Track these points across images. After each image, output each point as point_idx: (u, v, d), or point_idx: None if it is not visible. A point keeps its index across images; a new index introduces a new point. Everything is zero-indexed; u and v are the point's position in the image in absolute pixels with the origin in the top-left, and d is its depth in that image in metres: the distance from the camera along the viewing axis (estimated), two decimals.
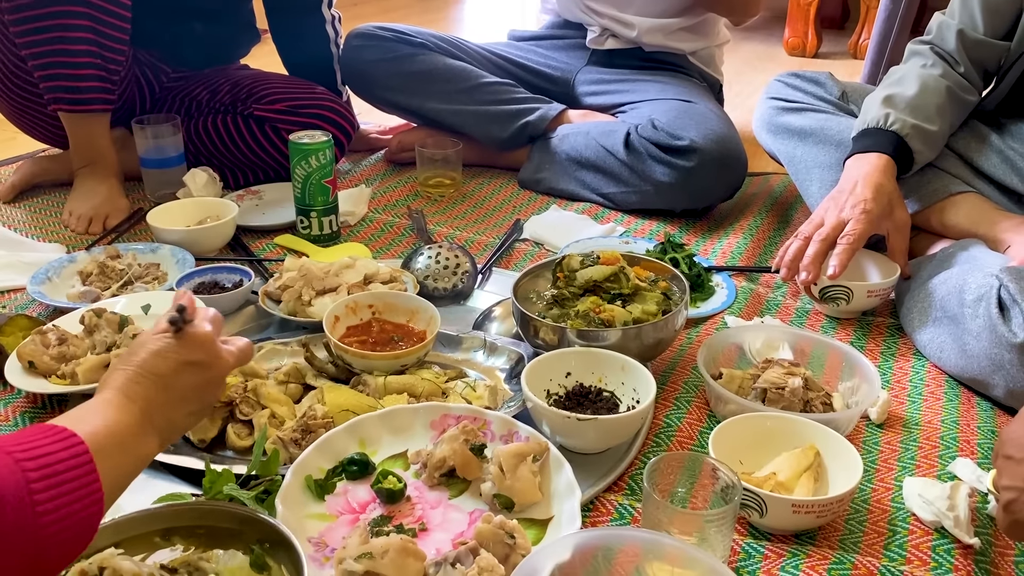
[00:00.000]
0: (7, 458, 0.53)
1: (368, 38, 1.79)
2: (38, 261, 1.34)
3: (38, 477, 0.54)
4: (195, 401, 0.72)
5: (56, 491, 0.55)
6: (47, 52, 1.41)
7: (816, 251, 1.22)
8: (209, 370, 0.73)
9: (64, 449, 0.57)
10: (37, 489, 0.53)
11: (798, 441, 0.90)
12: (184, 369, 0.71)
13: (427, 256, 1.34)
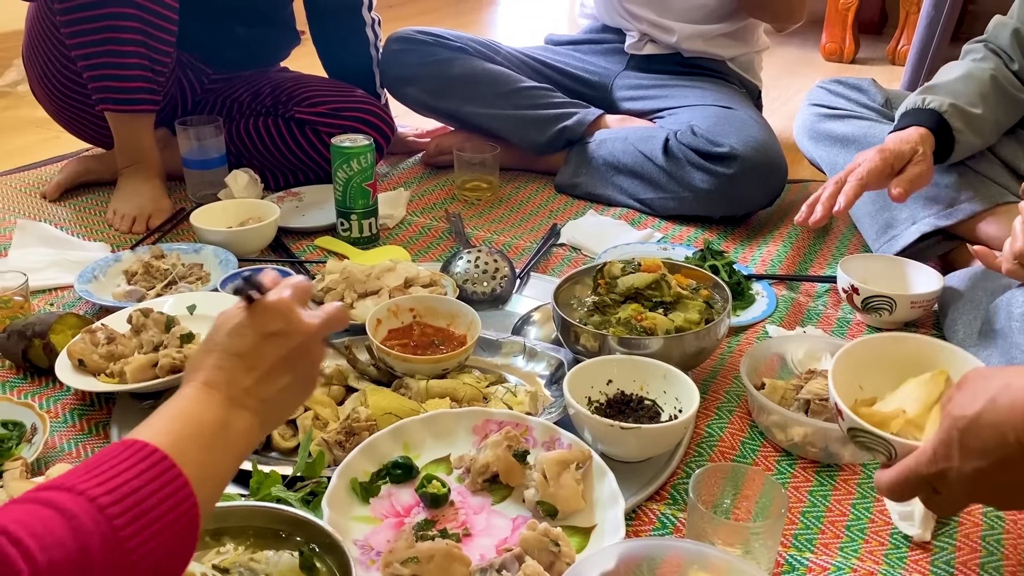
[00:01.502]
0: (89, 506, 0.49)
1: (407, 42, 1.80)
2: (84, 260, 1.37)
3: (125, 522, 0.50)
4: (285, 374, 0.66)
5: (142, 521, 0.51)
6: (97, 53, 1.44)
7: (830, 192, 1.22)
8: (291, 338, 0.66)
9: (151, 476, 0.53)
10: (126, 535, 0.50)
11: (926, 366, 0.77)
12: (264, 342, 0.65)
13: (466, 260, 1.34)
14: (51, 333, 1.07)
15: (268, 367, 0.65)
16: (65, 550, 0.46)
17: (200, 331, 1.08)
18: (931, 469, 0.61)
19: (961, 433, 0.59)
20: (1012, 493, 0.59)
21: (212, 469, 0.58)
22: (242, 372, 0.64)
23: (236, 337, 0.65)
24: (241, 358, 0.64)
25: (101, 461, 0.53)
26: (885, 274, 1.28)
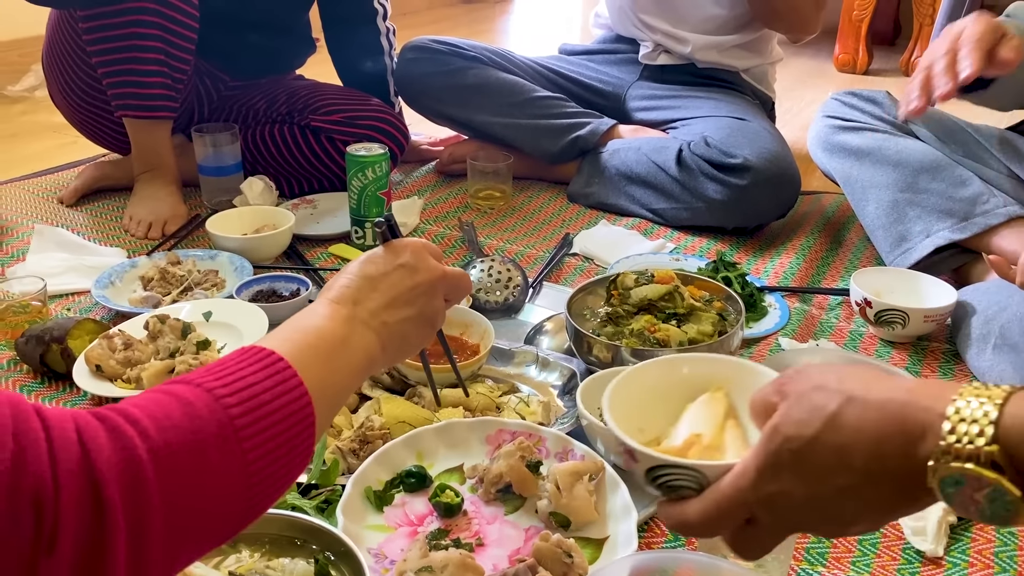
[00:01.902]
0: (206, 396, 0.50)
1: (422, 51, 1.81)
2: (100, 265, 1.38)
3: (241, 412, 0.50)
4: (409, 306, 0.68)
5: (261, 421, 0.51)
6: (118, 60, 1.45)
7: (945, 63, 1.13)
8: (419, 273, 0.70)
9: (267, 375, 0.53)
10: (241, 425, 0.50)
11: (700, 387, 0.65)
12: (395, 271, 0.68)
13: (479, 269, 1.35)
14: (69, 338, 1.08)
15: (395, 293, 0.68)
16: (181, 433, 0.47)
17: (216, 338, 1.09)
18: (754, 495, 0.50)
19: (794, 455, 0.49)
20: (846, 521, 0.50)
21: (330, 380, 0.58)
22: (369, 292, 0.66)
23: (368, 263, 0.69)
24: (370, 280, 0.67)
25: (222, 363, 0.54)
26: (898, 287, 1.28)
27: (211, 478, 0.48)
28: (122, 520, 0.42)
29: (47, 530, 0.40)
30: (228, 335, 1.11)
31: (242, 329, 1.11)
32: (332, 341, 0.61)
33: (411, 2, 3.74)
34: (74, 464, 0.42)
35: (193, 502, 0.47)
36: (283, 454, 0.52)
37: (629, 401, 0.63)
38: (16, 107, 2.41)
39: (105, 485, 0.42)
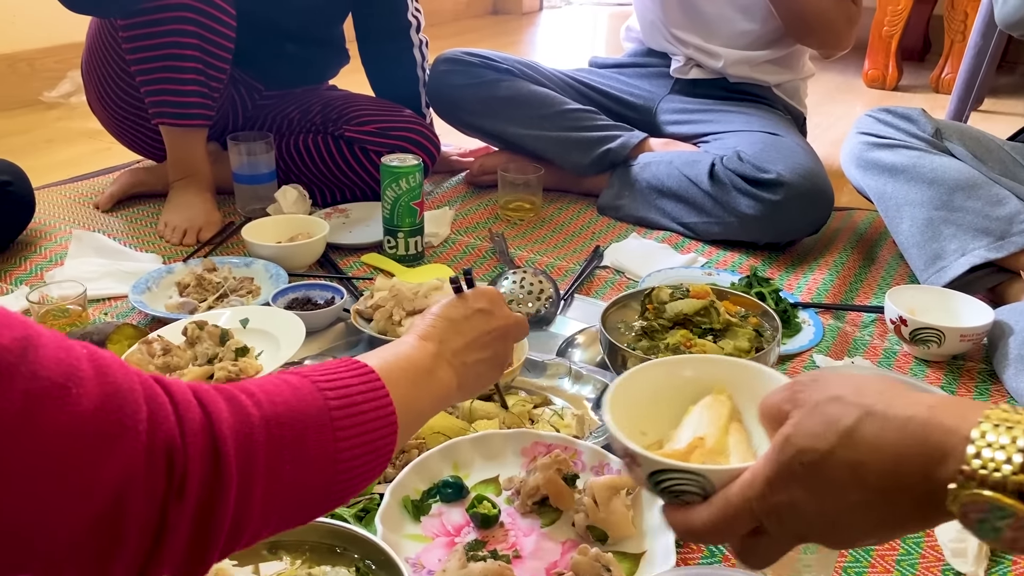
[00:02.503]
0: (311, 386, 0.56)
1: (455, 63, 1.82)
2: (136, 271, 1.39)
3: (337, 404, 0.56)
4: (486, 347, 0.76)
5: (353, 419, 0.57)
6: (157, 68, 1.47)
7: None
8: (495, 319, 0.78)
9: (362, 381, 0.59)
10: (337, 416, 0.55)
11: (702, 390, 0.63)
12: (474, 316, 0.76)
13: (511, 281, 1.35)
14: (108, 343, 1.10)
15: (474, 336, 0.75)
16: (287, 409, 0.53)
17: (253, 344, 1.10)
18: (763, 505, 0.49)
19: (807, 468, 0.47)
20: (855, 535, 0.49)
21: (413, 402, 0.64)
22: (452, 334, 0.74)
23: (451, 307, 0.76)
24: (453, 322, 0.75)
25: (324, 366, 0.60)
26: (933, 306, 1.27)
27: (305, 457, 0.53)
28: (235, 473, 0.48)
29: (177, 479, 0.46)
30: (265, 342, 1.12)
31: (279, 336, 1.12)
32: (419, 370, 0.68)
33: (439, 13, 3.77)
34: (197, 424, 0.48)
35: (288, 474, 0.52)
36: (366, 454, 0.57)
37: (631, 403, 0.61)
38: (52, 113, 2.45)
39: (223, 442, 0.48)
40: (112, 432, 0.43)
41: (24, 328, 0.43)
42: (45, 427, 0.41)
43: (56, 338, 0.45)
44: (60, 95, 2.51)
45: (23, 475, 0.41)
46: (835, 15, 1.67)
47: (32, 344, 0.42)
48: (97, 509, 0.43)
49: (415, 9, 1.84)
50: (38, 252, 1.51)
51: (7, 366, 0.41)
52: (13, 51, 2.45)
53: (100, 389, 0.44)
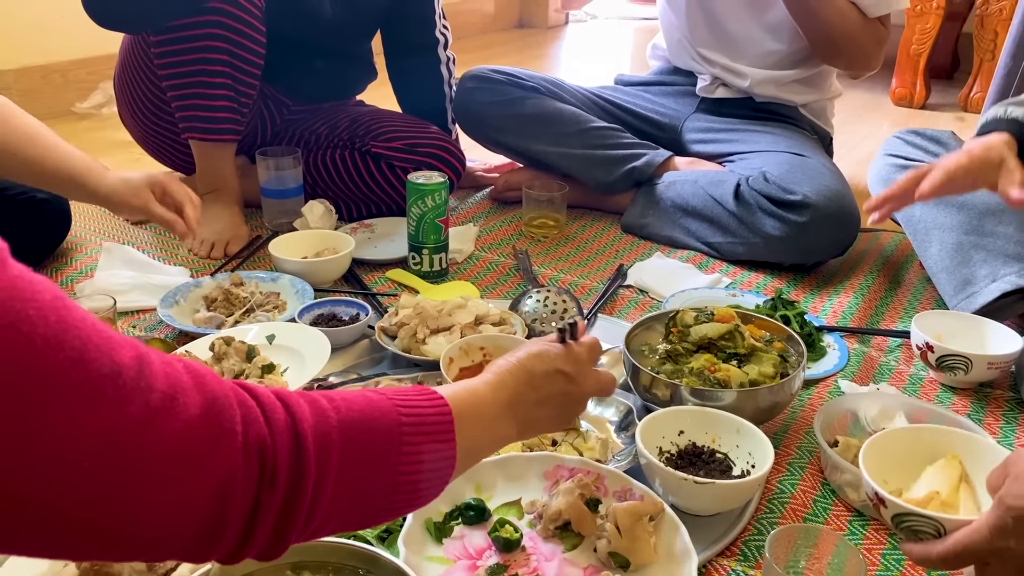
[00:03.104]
0: (388, 403, 0.60)
1: (481, 80, 1.83)
2: (165, 284, 1.41)
3: (408, 422, 0.60)
4: (556, 407, 0.77)
5: (419, 441, 0.60)
6: (187, 84, 1.50)
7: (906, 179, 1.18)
8: (575, 384, 0.78)
9: (433, 409, 0.63)
10: (406, 433, 0.59)
11: (938, 453, 0.86)
12: (555, 375, 0.76)
13: (535, 299, 1.36)
14: None
15: (548, 395, 0.76)
16: (363, 417, 0.58)
17: (279, 361, 1.11)
18: (987, 547, 0.68)
19: (1016, 522, 0.65)
20: None
21: (473, 443, 0.67)
22: (527, 388, 0.74)
23: (537, 359, 0.77)
24: (532, 376, 0.75)
25: (403, 390, 0.63)
26: (961, 332, 1.26)
27: (372, 465, 0.57)
28: (313, 468, 0.53)
29: (269, 471, 0.52)
30: (291, 358, 1.13)
31: (304, 353, 1.13)
32: (486, 415, 0.70)
33: (466, 26, 3.79)
34: (282, 423, 0.53)
35: (355, 477, 0.56)
36: (424, 479, 0.61)
37: (879, 457, 0.83)
38: (83, 123, 2.49)
39: (304, 438, 0.53)
40: (215, 435, 0.49)
41: (135, 347, 0.48)
42: (163, 434, 0.47)
43: (158, 353, 0.50)
44: (92, 106, 2.55)
45: (148, 477, 0.47)
46: (863, 37, 1.66)
47: (145, 360, 0.48)
48: (207, 502, 0.49)
49: (443, 26, 1.85)
50: (69, 264, 1.53)
51: (131, 382, 0.46)
52: (47, 62, 2.49)
53: (201, 397, 0.50)
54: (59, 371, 0.43)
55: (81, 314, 0.46)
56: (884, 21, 1.70)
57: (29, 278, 0.44)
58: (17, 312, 0.42)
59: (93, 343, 0.45)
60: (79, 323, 0.45)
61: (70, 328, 0.44)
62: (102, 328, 0.47)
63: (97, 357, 0.45)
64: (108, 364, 0.46)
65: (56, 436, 0.43)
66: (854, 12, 1.65)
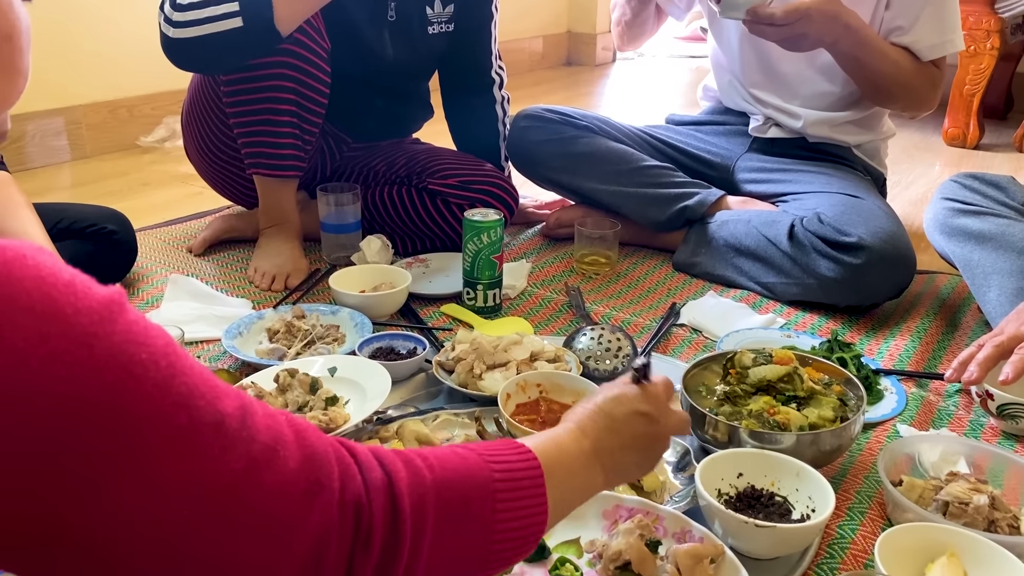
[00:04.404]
0: (479, 459, 0.60)
1: (535, 119, 1.86)
2: (228, 316, 1.45)
3: (500, 478, 0.60)
4: (641, 450, 0.77)
5: (512, 496, 0.60)
6: (255, 122, 1.55)
7: (988, 355, 1.19)
8: (656, 424, 0.78)
9: (523, 463, 0.63)
10: (499, 489, 0.60)
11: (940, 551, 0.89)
12: (635, 417, 0.76)
13: (589, 337, 1.37)
14: None
15: (631, 438, 0.76)
16: (457, 476, 0.58)
17: (342, 393, 1.14)
18: None
19: None
20: None
21: (565, 495, 0.67)
22: (608, 433, 0.74)
23: (616, 403, 0.76)
24: (612, 421, 0.75)
25: (491, 444, 0.64)
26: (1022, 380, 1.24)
27: (467, 524, 0.58)
28: (409, 530, 0.53)
29: (364, 531, 0.52)
30: (352, 391, 1.15)
31: (365, 386, 1.15)
32: (573, 465, 0.70)
33: (516, 64, 3.85)
34: (379, 483, 0.54)
35: (450, 536, 0.56)
36: (519, 535, 0.61)
37: (892, 552, 0.86)
38: (147, 156, 2.57)
39: (400, 499, 0.54)
40: (313, 490, 0.50)
41: (239, 398, 0.50)
42: (263, 486, 0.48)
43: (262, 405, 0.52)
44: (155, 140, 2.64)
45: (245, 527, 0.47)
46: (918, 81, 1.67)
47: (248, 411, 0.49)
48: (303, 557, 0.49)
49: (499, 67, 1.90)
50: (136, 295, 1.59)
51: (233, 432, 0.48)
52: (114, 98, 2.59)
53: (301, 452, 0.51)
54: (165, 416, 0.45)
55: (190, 362, 0.48)
56: (939, 63, 1.70)
57: (144, 324, 0.46)
58: (130, 356, 0.44)
59: (199, 391, 0.47)
60: (188, 370, 0.47)
61: (178, 374, 0.46)
62: (209, 376, 0.48)
63: (202, 405, 0.46)
64: (212, 412, 0.47)
65: (157, 480, 0.44)
66: (906, 58, 1.66)
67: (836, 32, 1.56)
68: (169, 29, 1.40)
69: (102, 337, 0.43)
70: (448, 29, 1.76)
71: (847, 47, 1.59)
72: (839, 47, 1.60)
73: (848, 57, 1.62)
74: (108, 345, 0.43)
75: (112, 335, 0.44)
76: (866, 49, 1.60)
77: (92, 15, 2.43)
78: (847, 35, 1.57)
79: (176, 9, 1.39)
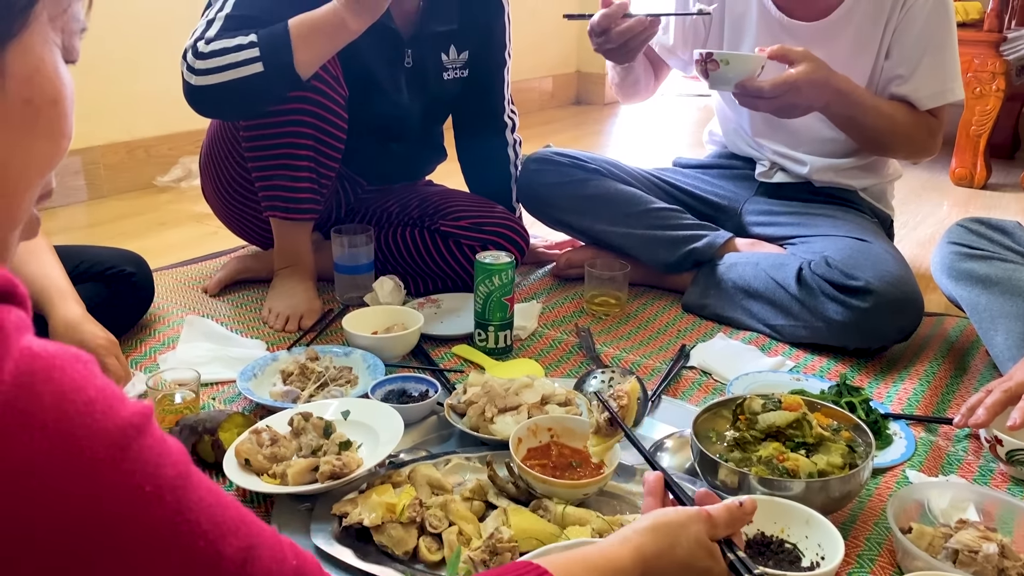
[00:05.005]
0: None
1: (545, 163, 1.89)
2: (243, 357, 1.47)
3: None
4: None
5: None
6: (273, 166, 1.58)
7: (996, 400, 1.20)
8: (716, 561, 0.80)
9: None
10: None
11: None
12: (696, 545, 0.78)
13: (599, 380, 1.38)
14: (220, 431, 1.16)
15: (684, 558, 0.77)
16: None
17: (355, 437, 1.15)
18: None
19: None
20: None
21: None
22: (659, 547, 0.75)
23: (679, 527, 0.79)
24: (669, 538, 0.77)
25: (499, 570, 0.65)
26: None
27: None
28: None
29: None
30: (365, 435, 1.17)
31: (378, 430, 1.17)
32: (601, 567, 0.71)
33: (526, 103, 3.90)
34: None
35: None
36: None
37: None
38: (163, 196, 2.62)
39: None
40: None
41: (247, 537, 0.48)
42: None
43: (271, 543, 0.50)
44: (171, 179, 2.69)
45: None
46: (915, 131, 1.70)
47: (252, 556, 0.47)
48: None
49: (511, 111, 1.93)
50: (152, 335, 1.61)
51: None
52: (132, 138, 2.64)
53: None
54: (158, 553, 0.44)
55: (199, 494, 0.46)
56: (937, 112, 1.72)
57: (158, 452, 0.45)
58: (133, 489, 0.43)
59: (201, 529, 0.46)
60: (194, 505, 0.46)
61: (183, 511, 0.45)
62: (217, 511, 0.47)
63: (201, 546, 0.45)
64: (209, 555, 0.45)
65: None
66: (903, 111, 1.69)
67: (826, 98, 1.59)
68: (192, 77, 1.44)
69: (108, 466, 0.42)
70: (463, 75, 1.80)
71: (840, 109, 1.62)
72: (832, 110, 1.63)
73: (842, 117, 1.65)
74: (113, 477, 0.43)
75: (120, 465, 0.43)
76: (859, 109, 1.63)
77: (110, 57, 2.48)
78: (838, 99, 1.60)
79: (198, 57, 1.43)
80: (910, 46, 1.68)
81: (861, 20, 1.69)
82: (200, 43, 1.44)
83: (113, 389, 0.45)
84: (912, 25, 1.67)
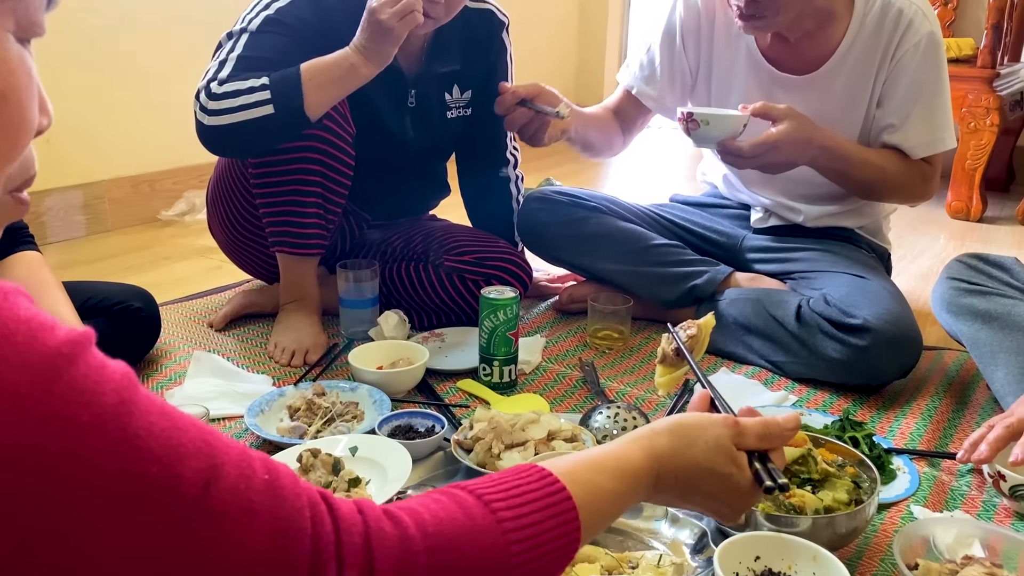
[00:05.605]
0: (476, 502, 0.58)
1: (545, 201, 1.91)
2: (250, 392, 1.48)
3: (510, 516, 0.58)
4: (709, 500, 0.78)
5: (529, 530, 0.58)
6: (281, 202, 1.61)
7: (998, 435, 1.21)
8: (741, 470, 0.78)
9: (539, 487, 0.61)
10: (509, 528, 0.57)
11: None
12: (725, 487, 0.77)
13: (604, 415, 1.39)
14: None
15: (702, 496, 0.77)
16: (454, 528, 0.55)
17: (363, 473, 1.16)
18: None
19: None
20: None
21: (599, 493, 0.65)
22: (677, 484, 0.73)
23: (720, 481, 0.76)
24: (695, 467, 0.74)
25: (503, 477, 0.61)
26: None
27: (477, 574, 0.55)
28: None
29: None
30: (373, 471, 1.17)
31: (386, 466, 1.17)
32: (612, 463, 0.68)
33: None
34: (359, 557, 0.50)
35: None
36: (542, 566, 0.59)
37: None
38: (167, 230, 2.63)
39: (378, 561, 0.51)
40: (278, 569, 0.47)
41: (209, 457, 0.45)
42: (223, 564, 0.45)
43: (237, 460, 0.47)
44: (176, 214, 2.71)
45: None
46: (908, 179, 1.71)
47: (215, 475, 0.45)
48: None
49: (513, 148, 1.96)
50: (159, 371, 1.62)
51: (192, 502, 0.44)
52: (136, 173, 2.66)
53: (271, 526, 0.47)
54: (103, 486, 0.41)
55: (148, 419, 0.43)
56: (930, 159, 1.73)
57: (95, 378, 0.42)
58: (68, 420, 0.40)
59: (154, 455, 0.43)
60: (141, 431, 0.43)
61: (130, 437, 0.42)
62: (172, 435, 0.44)
63: (155, 471, 0.43)
64: (165, 479, 0.43)
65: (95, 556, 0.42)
66: (893, 160, 1.70)
67: (811, 153, 1.60)
68: (205, 117, 1.47)
69: (33, 400, 0.40)
70: (466, 113, 1.83)
71: (826, 163, 1.64)
72: (818, 163, 1.64)
73: (829, 171, 1.67)
74: (40, 410, 0.40)
75: (48, 398, 0.40)
76: (847, 163, 1.65)
77: (115, 92, 2.51)
78: (823, 154, 1.62)
79: (211, 98, 1.46)
80: (901, 96, 1.68)
81: (851, 71, 1.70)
82: (213, 84, 1.47)
83: (42, 319, 0.41)
84: (903, 75, 1.67)
